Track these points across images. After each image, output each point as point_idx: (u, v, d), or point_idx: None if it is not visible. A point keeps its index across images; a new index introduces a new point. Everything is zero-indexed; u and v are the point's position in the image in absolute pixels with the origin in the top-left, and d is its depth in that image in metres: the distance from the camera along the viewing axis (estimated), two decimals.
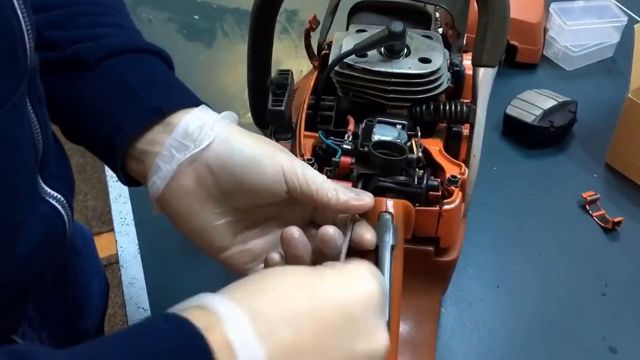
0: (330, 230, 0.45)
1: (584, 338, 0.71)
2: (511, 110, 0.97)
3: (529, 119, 0.95)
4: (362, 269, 0.40)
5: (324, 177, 0.47)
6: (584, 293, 0.76)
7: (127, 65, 0.49)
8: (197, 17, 1.24)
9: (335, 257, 0.45)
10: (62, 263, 0.61)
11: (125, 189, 0.87)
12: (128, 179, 0.50)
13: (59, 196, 0.45)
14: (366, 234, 0.47)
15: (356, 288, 0.39)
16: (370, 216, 0.48)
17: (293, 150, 0.60)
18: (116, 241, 0.78)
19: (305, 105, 0.64)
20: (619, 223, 0.83)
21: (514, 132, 0.98)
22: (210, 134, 0.46)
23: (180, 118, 0.47)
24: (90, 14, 0.52)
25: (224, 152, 0.46)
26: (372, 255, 0.47)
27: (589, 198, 0.87)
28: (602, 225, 0.84)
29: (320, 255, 0.46)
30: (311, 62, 0.72)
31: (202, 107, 0.49)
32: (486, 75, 0.63)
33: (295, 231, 0.46)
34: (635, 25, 0.88)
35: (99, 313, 0.73)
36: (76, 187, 0.52)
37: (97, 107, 0.48)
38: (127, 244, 0.78)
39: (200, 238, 0.49)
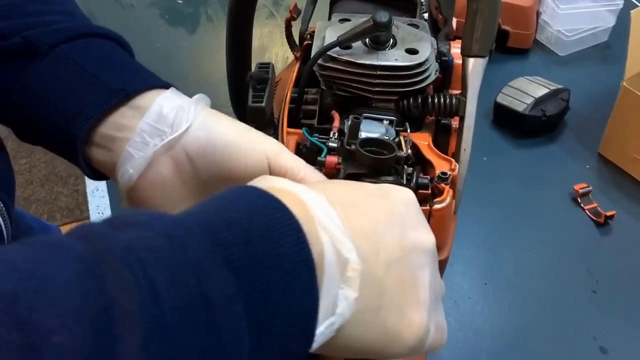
0: None
1: (574, 338, 0.69)
2: (502, 99, 0.94)
3: (520, 107, 0.92)
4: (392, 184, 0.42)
5: (316, 171, 0.45)
6: (574, 290, 0.74)
7: (83, 50, 0.45)
8: (180, 1, 1.20)
9: None
10: None
11: (102, 182, 0.83)
12: (93, 172, 0.46)
13: None
14: None
15: (394, 188, 0.39)
16: None
17: None
18: None
19: (288, 100, 0.61)
20: (611, 217, 0.81)
21: (505, 121, 0.95)
22: (187, 117, 0.42)
23: (150, 100, 0.43)
24: (36, 2, 0.48)
25: (203, 137, 0.42)
26: None
27: (580, 190, 0.85)
28: (594, 218, 0.82)
29: None
30: (293, 53, 0.69)
31: (173, 90, 0.45)
32: (476, 66, 0.60)
33: None
34: (632, 11, 0.85)
35: None
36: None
37: (52, 95, 0.43)
38: None
39: None
